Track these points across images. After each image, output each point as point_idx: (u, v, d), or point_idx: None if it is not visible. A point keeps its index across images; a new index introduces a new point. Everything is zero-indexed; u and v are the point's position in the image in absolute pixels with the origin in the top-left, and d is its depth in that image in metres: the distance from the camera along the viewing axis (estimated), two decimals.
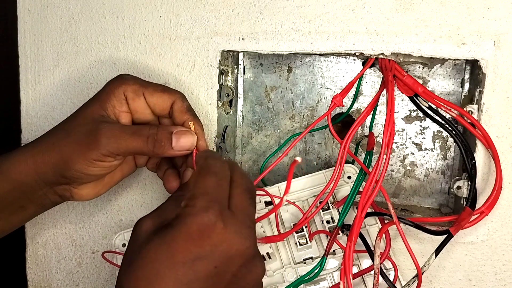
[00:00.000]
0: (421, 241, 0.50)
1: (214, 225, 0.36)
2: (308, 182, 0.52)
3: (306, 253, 0.49)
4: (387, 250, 0.46)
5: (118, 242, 0.51)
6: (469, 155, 0.47)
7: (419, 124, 0.54)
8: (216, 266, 0.36)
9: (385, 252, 0.46)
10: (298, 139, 0.49)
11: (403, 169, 0.55)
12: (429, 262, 0.45)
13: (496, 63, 0.46)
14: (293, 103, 0.57)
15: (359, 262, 0.49)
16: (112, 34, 0.55)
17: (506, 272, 0.49)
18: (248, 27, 0.51)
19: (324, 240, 0.50)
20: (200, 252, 0.35)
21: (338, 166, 0.48)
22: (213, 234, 0.36)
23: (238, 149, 0.60)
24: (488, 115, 0.47)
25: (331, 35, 0.49)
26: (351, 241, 0.45)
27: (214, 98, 0.53)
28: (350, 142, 0.48)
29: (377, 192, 0.45)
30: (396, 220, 0.44)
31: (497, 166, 0.46)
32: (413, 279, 0.45)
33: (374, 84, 0.55)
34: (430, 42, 0.47)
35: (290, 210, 0.51)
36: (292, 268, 0.49)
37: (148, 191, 0.57)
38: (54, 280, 0.60)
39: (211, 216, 0.36)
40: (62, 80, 0.57)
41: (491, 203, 0.46)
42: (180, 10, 0.53)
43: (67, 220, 0.59)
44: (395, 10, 0.48)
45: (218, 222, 0.36)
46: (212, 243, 0.36)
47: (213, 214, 0.36)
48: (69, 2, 0.56)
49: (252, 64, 0.58)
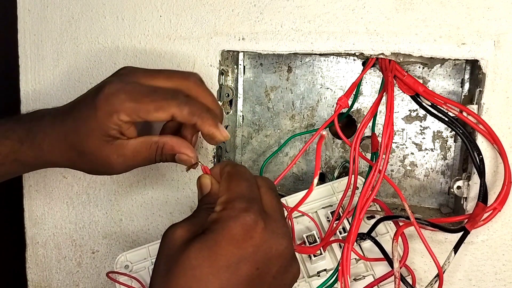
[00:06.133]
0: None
1: (256, 225, 0.35)
2: (316, 194, 0.51)
3: (320, 265, 0.49)
4: (406, 253, 0.45)
5: (120, 263, 0.51)
6: (476, 151, 0.46)
7: (419, 124, 0.54)
8: (258, 267, 0.35)
9: (404, 255, 0.45)
10: (310, 141, 0.48)
11: (403, 169, 0.55)
12: (449, 261, 0.45)
13: (496, 63, 0.46)
14: (293, 103, 0.57)
15: (374, 272, 0.48)
16: (112, 34, 0.55)
17: (506, 272, 0.49)
18: (248, 27, 0.51)
19: (337, 252, 0.49)
20: (243, 254, 0.35)
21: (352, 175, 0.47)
22: (255, 234, 0.35)
23: (238, 149, 0.59)
24: (488, 115, 0.47)
25: (331, 35, 0.49)
26: (349, 242, 0.45)
27: None
28: (359, 144, 0.48)
29: (375, 193, 0.45)
30: (414, 221, 0.43)
31: (504, 161, 0.46)
32: (435, 279, 0.45)
33: (374, 84, 0.55)
34: (430, 42, 0.47)
35: (301, 222, 0.51)
36: (306, 282, 0.48)
37: (148, 191, 0.57)
38: (54, 280, 0.60)
39: (252, 216, 0.35)
40: (62, 80, 0.57)
41: (503, 198, 0.46)
42: (180, 10, 0.53)
43: (67, 220, 0.59)
44: (395, 10, 0.48)
45: (260, 222, 0.35)
46: (254, 244, 0.35)
47: (254, 214, 0.35)
48: (69, 2, 0.56)
49: (252, 64, 0.58)
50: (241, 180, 0.39)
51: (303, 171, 0.59)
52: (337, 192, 0.51)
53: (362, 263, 0.49)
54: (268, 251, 0.36)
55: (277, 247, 0.36)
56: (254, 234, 0.35)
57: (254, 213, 0.36)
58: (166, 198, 0.56)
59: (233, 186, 0.39)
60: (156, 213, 0.57)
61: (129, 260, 0.51)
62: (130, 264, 0.50)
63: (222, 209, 0.37)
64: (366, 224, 0.49)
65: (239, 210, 0.36)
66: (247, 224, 0.35)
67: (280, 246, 0.36)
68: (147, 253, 0.51)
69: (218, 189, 0.41)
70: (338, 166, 0.56)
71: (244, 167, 0.42)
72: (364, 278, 0.48)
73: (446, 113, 0.48)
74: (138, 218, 0.58)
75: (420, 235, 0.43)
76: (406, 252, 0.45)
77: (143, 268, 0.51)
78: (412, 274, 0.47)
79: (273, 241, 0.36)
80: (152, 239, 0.57)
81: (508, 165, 0.46)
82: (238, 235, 0.35)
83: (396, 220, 0.47)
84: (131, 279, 0.50)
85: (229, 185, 0.39)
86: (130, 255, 0.51)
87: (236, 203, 0.36)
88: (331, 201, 0.51)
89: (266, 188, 0.40)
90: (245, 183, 0.39)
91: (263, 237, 0.35)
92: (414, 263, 0.50)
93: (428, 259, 0.43)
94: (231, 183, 0.39)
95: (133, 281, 0.50)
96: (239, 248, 0.35)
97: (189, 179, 0.55)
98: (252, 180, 0.40)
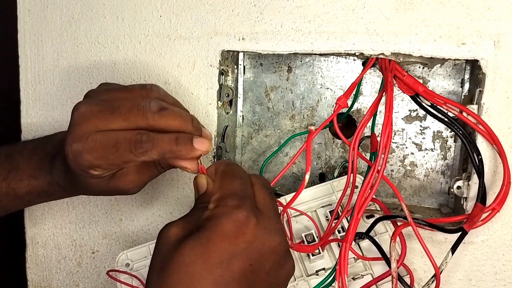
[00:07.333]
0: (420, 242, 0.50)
1: (248, 221, 0.36)
2: (315, 193, 0.51)
3: (318, 264, 0.49)
4: (403, 253, 0.45)
5: (121, 261, 0.51)
6: (475, 151, 0.46)
7: (419, 124, 0.54)
8: (251, 264, 0.36)
9: (402, 255, 0.45)
10: (309, 141, 0.48)
11: (403, 169, 0.55)
12: (447, 261, 0.45)
13: (496, 63, 0.46)
14: (293, 103, 0.57)
15: (372, 271, 0.48)
16: (112, 34, 0.55)
17: (506, 272, 0.49)
18: (248, 27, 0.51)
19: (336, 250, 0.49)
20: (236, 250, 0.35)
21: (351, 173, 0.47)
22: (247, 230, 0.36)
23: (238, 149, 0.60)
24: (488, 115, 0.47)
25: (331, 35, 0.49)
26: (347, 242, 0.45)
27: (214, 98, 0.53)
28: (359, 144, 0.48)
29: (373, 194, 0.45)
30: (411, 221, 0.43)
31: (504, 161, 0.46)
32: (432, 279, 0.45)
33: (374, 84, 0.55)
34: (430, 42, 0.47)
35: (300, 221, 0.51)
36: (305, 281, 0.48)
37: (148, 191, 0.57)
38: (54, 280, 0.60)
39: (244, 213, 0.36)
40: (62, 80, 0.58)
41: (502, 199, 0.46)
42: (180, 10, 0.53)
43: (67, 220, 0.59)
44: (395, 10, 0.48)
45: (252, 218, 0.36)
46: (246, 240, 0.35)
47: (246, 210, 0.36)
48: (69, 2, 0.56)
49: (252, 64, 0.58)
50: (234, 178, 0.40)
51: (303, 171, 0.59)
52: (336, 191, 0.51)
53: (361, 262, 0.49)
54: (260, 247, 0.36)
55: (269, 243, 0.37)
56: (246, 230, 0.35)
57: (246, 209, 0.36)
58: (166, 198, 0.57)
59: (226, 184, 0.39)
60: (156, 213, 0.57)
61: (130, 258, 0.51)
62: (131, 262, 0.51)
63: (215, 206, 0.37)
64: (366, 224, 0.49)
65: (231, 207, 0.36)
66: (239, 221, 0.35)
67: (273, 242, 0.37)
68: (147, 251, 0.51)
69: (213, 188, 0.41)
70: (338, 166, 0.56)
71: (238, 165, 0.42)
72: (362, 277, 0.48)
73: (445, 113, 0.47)
74: (138, 218, 0.58)
75: (417, 234, 0.43)
76: (404, 252, 0.45)
77: (144, 266, 0.51)
78: (410, 274, 0.47)
79: (266, 237, 0.36)
80: (152, 239, 0.57)
81: (508, 165, 0.46)
82: (230, 231, 0.35)
83: (394, 220, 0.47)
84: (132, 278, 0.50)
85: (222, 183, 0.39)
86: (130, 253, 0.51)
87: (228, 200, 0.37)
88: (330, 200, 0.51)
89: (260, 186, 0.40)
90: (238, 181, 0.39)
91: (255, 233, 0.36)
92: (413, 263, 0.50)
93: (428, 259, 0.43)
94: (224, 181, 0.40)
95: (134, 280, 0.50)
96: (232, 244, 0.35)
97: (189, 179, 0.55)
98: (245, 178, 0.40)
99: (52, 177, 0.48)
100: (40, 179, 0.48)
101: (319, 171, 0.58)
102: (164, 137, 0.41)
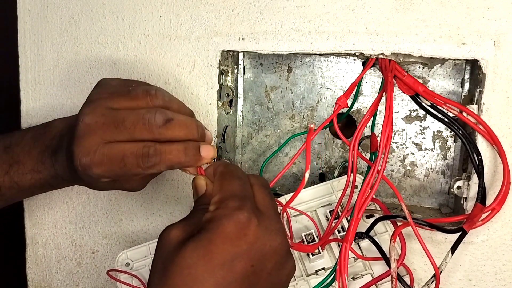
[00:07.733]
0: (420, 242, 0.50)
1: (250, 222, 0.36)
2: (315, 192, 0.51)
3: (318, 264, 0.49)
4: (403, 253, 0.45)
5: (121, 261, 0.51)
6: (475, 151, 0.46)
7: (419, 124, 0.54)
8: (253, 264, 0.36)
9: (402, 255, 0.45)
10: (309, 139, 0.48)
11: (403, 169, 0.55)
12: (446, 261, 0.45)
13: (496, 63, 0.46)
14: (293, 103, 0.57)
15: (372, 271, 0.48)
16: (112, 34, 0.55)
17: (506, 272, 0.49)
18: (248, 27, 0.51)
19: (335, 250, 0.49)
20: (238, 251, 0.35)
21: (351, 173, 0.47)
22: (249, 231, 0.36)
23: (238, 149, 0.60)
24: (488, 115, 0.47)
25: (331, 35, 0.49)
26: (347, 242, 0.45)
27: (214, 98, 0.53)
28: (359, 144, 0.48)
29: (373, 194, 0.45)
30: (411, 221, 0.43)
31: (504, 161, 0.46)
32: (432, 279, 0.45)
33: (374, 84, 0.55)
34: (430, 42, 0.47)
35: (300, 221, 0.51)
36: (304, 281, 0.48)
37: (148, 191, 0.57)
38: (54, 280, 0.60)
39: (245, 214, 0.36)
40: (62, 80, 0.58)
41: (502, 199, 0.46)
42: (180, 10, 0.53)
43: (67, 220, 0.59)
44: (395, 10, 0.48)
45: (253, 219, 0.36)
46: (248, 241, 0.35)
47: (247, 212, 0.36)
48: (69, 2, 0.56)
49: (252, 64, 0.58)
50: (233, 179, 0.40)
51: (303, 170, 0.59)
52: (336, 191, 0.51)
53: (361, 262, 0.49)
54: (262, 248, 0.36)
55: (271, 243, 0.37)
56: (247, 232, 0.36)
57: (247, 210, 0.36)
58: (166, 198, 0.57)
59: (226, 185, 0.39)
60: (156, 213, 0.57)
61: (130, 257, 0.51)
62: (131, 262, 0.51)
63: (215, 208, 0.37)
64: (366, 223, 0.49)
65: (232, 208, 0.36)
66: (241, 222, 0.36)
67: (274, 243, 0.37)
68: (147, 250, 0.51)
69: (212, 190, 0.41)
70: (338, 166, 0.56)
71: (236, 166, 0.42)
72: (362, 277, 0.48)
73: (445, 113, 0.47)
74: (138, 218, 0.58)
75: (417, 234, 0.43)
76: (403, 252, 0.45)
77: (144, 266, 0.51)
78: (410, 274, 0.47)
79: (267, 238, 0.36)
80: (152, 238, 0.57)
81: (507, 165, 0.46)
82: (232, 233, 0.35)
83: (394, 220, 0.47)
84: (132, 277, 0.50)
85: (222, 184, 0.40)
86: (130, 253, 0.51)
87: (229, 201, 0.37)
88: (330, 200, 0.51)
89: (259, 186, 0.40)
90: (238, 182, 0.39)
91: (256, 234, 0.36)
92: (414, 263, 0.50)
93: (428, 259, 0.43)
94: (223, 183, 0.40)
95: (134, 279, 0.50)
96: (233, 245, 0.35)
97: (189, 179, 0.55)
98: (244, 179, 0.40)
99: (55, 171, 0.48)
100: (43, 173, 0.48)
101: (319, 171, 0.58)
102: (172, 149, 0.41)
